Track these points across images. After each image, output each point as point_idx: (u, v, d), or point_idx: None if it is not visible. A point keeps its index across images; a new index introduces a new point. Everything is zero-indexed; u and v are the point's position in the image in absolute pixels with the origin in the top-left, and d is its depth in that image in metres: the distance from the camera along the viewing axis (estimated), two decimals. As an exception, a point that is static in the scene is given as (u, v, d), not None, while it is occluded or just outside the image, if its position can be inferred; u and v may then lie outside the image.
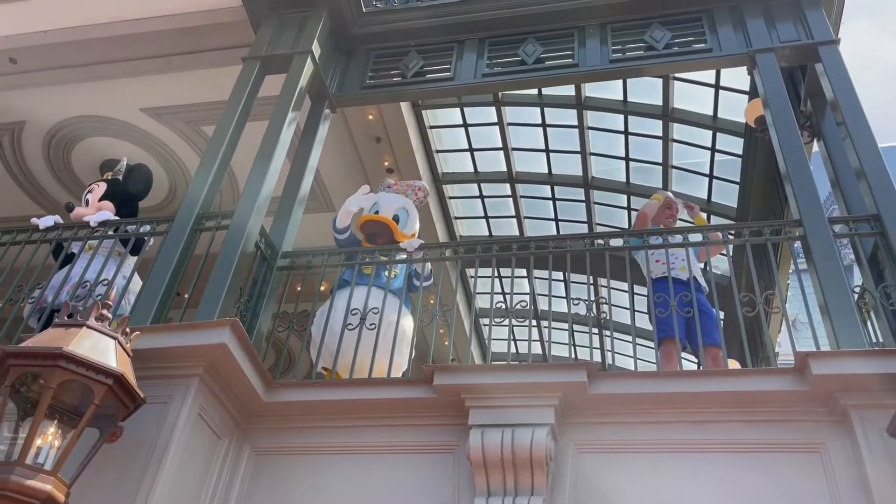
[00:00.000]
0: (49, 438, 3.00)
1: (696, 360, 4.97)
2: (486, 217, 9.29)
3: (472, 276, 5.43)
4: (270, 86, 5.53)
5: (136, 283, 4.55)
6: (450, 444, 3.81)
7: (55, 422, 3.06)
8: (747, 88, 6.58)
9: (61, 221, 4.91)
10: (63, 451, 2.97)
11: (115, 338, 3.22)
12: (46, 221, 4.80)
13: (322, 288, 5.62)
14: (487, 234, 9.44)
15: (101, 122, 7.46)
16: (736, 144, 7.28)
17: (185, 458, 3.48)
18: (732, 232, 4.80)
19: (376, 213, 5.33)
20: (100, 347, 3.12)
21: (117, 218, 4.96)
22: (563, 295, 4.53)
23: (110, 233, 4.74)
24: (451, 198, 9.01)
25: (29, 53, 6.55)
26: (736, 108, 6.85)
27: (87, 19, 6.19)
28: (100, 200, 5.25)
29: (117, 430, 3.22)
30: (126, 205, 5.31)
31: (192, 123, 7.38)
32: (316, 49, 5.63)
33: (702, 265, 5.32)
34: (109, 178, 5.48)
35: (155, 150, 7.68)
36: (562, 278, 4.40)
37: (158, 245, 4.54)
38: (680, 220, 6.04)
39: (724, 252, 4.99)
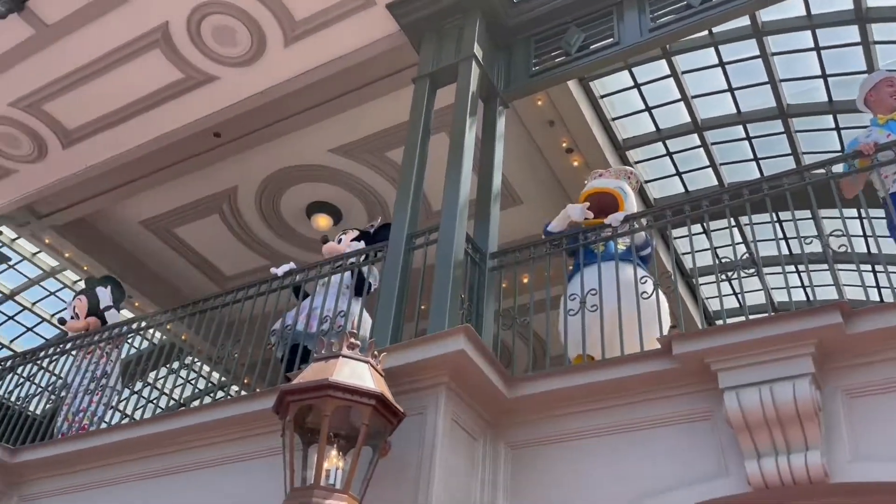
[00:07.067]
0: (334, 461, 3.32)
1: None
2: (679, 174, 8.86)
3: (675, 238, 5.17)
4: (442, 97, 5.71)
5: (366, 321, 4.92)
6: (703, 410, 3.71)
7: (334, 446, 3.38)
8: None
9: (295, 267, 5.47)
10: (349, 471, 3.27)
11: (367, 362, 3.50)
12: (283, 269, 5.39)
13: (524, 280, 5.66)
14: (683, 191, 9.02)
15: (299, 171, 8.12)
16: (955, 29, 6.40)
17: (450, 463, 3.68)
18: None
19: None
20: (357, 373, 3.41)
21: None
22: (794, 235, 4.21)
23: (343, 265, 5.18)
24: (636, 162, 8.71)
25: (228, 125, 7.27)
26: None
27: (271, 80, 6.72)
28: (352, 241, 5.83)
29: (387, 446, 3.49)
30: None
31: (376, 152, 7.80)
32: (478, 52, 5.69)
33: None
34: (363, 229, 6.11)
35: (349, 184, 8.22)
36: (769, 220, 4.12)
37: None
38: None
39: None
